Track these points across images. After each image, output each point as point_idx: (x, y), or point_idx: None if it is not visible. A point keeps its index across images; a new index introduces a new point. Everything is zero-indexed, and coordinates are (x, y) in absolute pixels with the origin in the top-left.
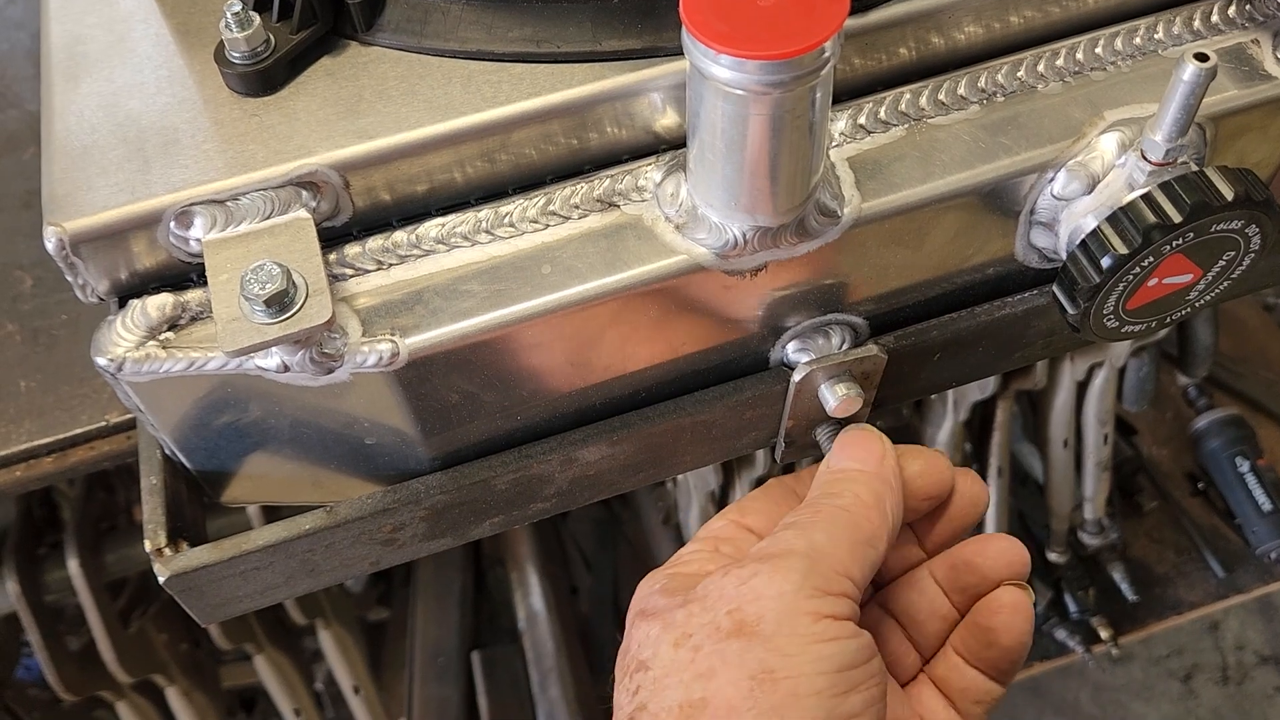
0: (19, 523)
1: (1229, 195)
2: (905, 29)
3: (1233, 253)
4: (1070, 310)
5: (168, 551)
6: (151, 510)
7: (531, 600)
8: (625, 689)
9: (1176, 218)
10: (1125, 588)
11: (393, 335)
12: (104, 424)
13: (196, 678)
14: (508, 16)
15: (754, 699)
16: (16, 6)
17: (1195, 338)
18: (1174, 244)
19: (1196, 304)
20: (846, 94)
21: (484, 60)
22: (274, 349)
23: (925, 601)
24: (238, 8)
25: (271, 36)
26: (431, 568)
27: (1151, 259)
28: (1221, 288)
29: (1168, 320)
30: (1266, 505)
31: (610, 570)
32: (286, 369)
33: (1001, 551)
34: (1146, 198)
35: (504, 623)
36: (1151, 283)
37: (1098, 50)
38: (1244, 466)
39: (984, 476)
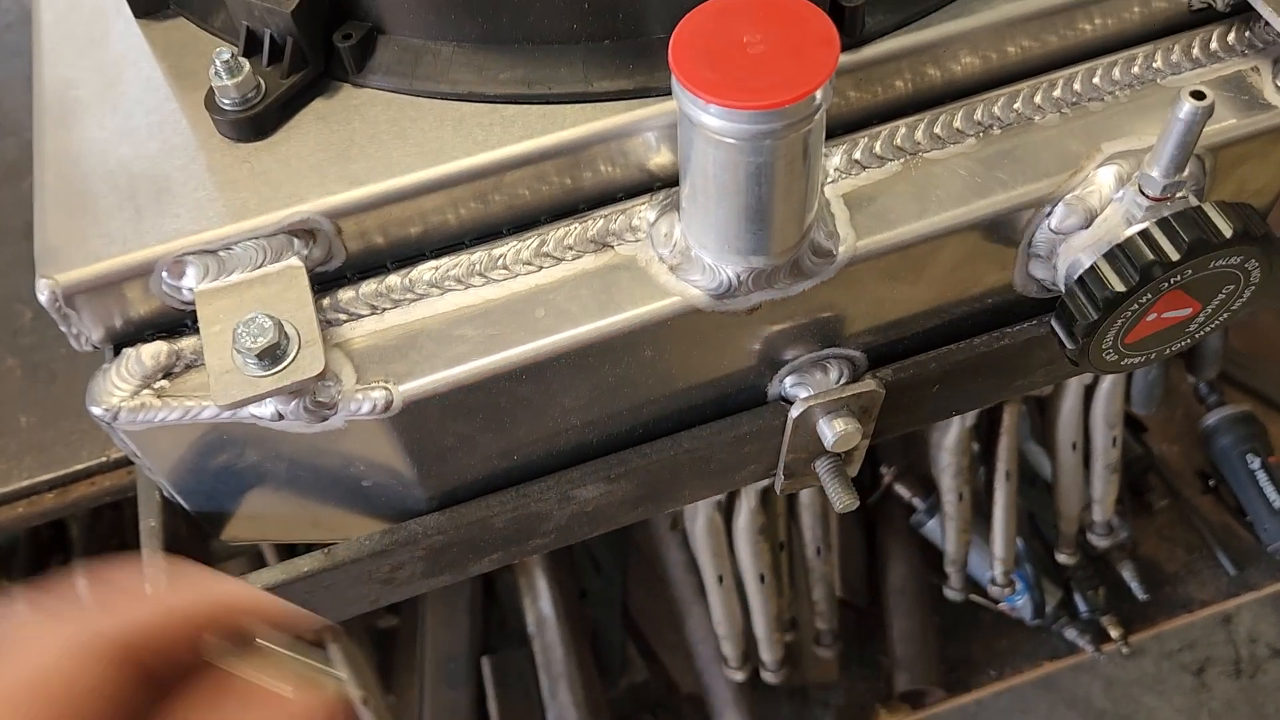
0: (26, 542)
1: (1227, 232)
2: (901, 62)
3: (1232, 286)
4: (1069, 345)
5: None
6: (150, 555)
7: (540, 605)
8: None
9: (1174, 256)
10: (1135, 587)
11: (386, 382)
12: (105, 460)
13: None
14: (499, 58)
15: None
16: (14, 32)
17: (1204, 340)
18: (1172, 281)
19: (1196, 335)
20: (841, 128)
21: (476, 102)
22: (268, 399)
23: None
24: (227, 55)
25: (262, 81)
26: None
27: (1150, 296)
28: (1222, 319)
29: (1167, 352)
30: (1278, 502)
31: (619, 574)
32: (281, 417)
33: None
34: (1144, 235)
35: (513, 627)
36: (1150, 317)
37: (1095, 80)
38: (1255, 464)
39: (991, 480)
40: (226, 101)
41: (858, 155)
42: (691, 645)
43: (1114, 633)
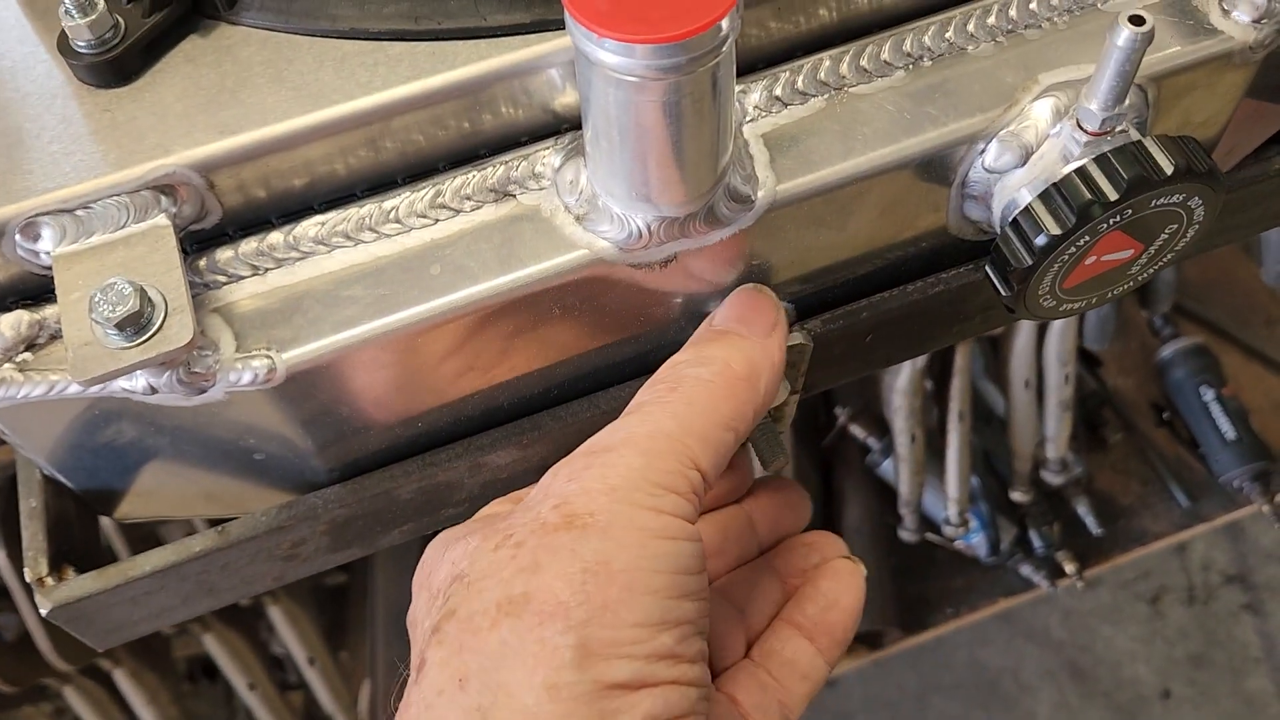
0: None
1: (1169, 169)
2: None
3: (1175, 225)
4: (1004, 292)
5: (49, 581)
6: (31, 536)
7: None
8: (436, 611)
9: (1112, 195)
10: (1090, 522)
11: (269, 349)
12: None
13: (145, 657)
14: None
15: (585, 593)
16: None
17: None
18: (1111, 221)
19: (1139, 278)
20: (762, 62)
21: (358, 39)
22: (135, 372)
23: (758, 588)
24: None
25: (121, 20)
26: None
27: (1088, 238)
28: (1165, 259)
29: (1109, 296)
30: (1230, 434)
31: None
32: (154, 391)
33: (832, 539)
34: (1080, 173)
35: None
36: (1089, 260)
37: (1032, 6)
38: (1208, 395)
39: (944, 420)
40: (81, 43)
41: (779, 91)
42: None
43: (1069, 568)
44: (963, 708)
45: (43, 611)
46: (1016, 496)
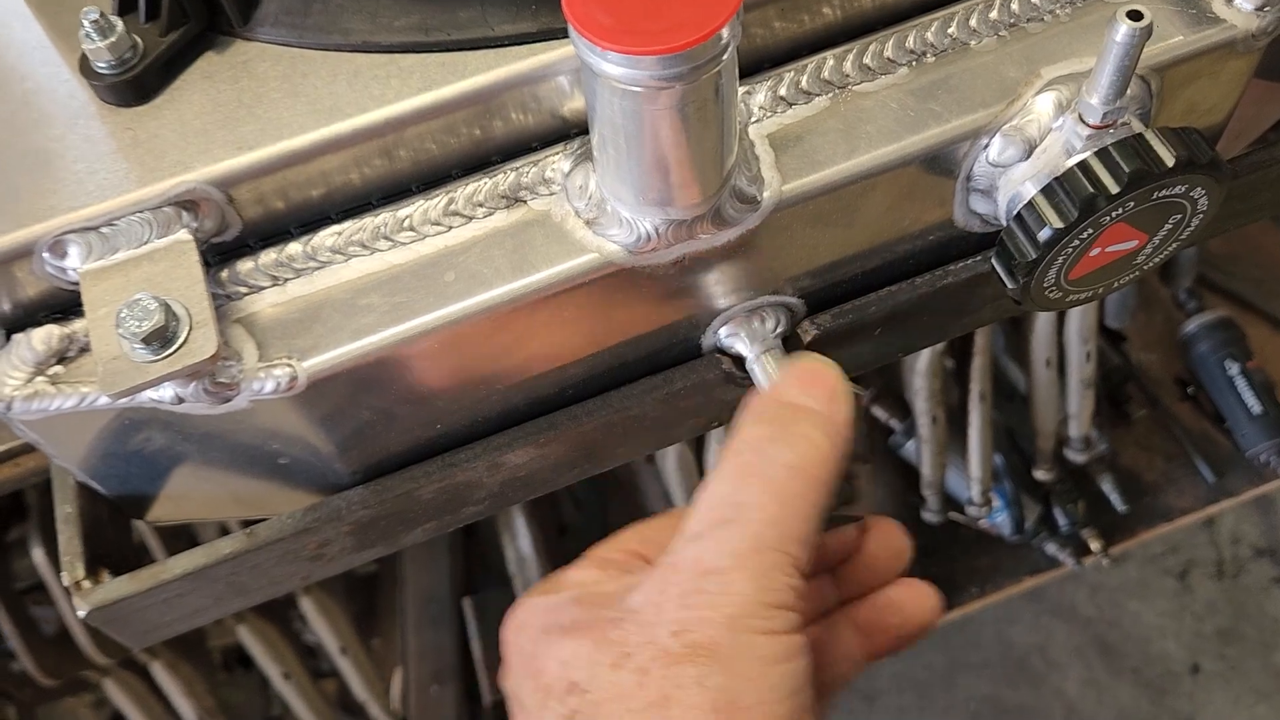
0: None
1: (1169, 161)
2: None
3: (1179, 215)
4: (1009, 285)
5: (86, 584)
6: (67, 541)
7: (519, 543)
8: (554, 712)
9: (1114, 188)
10: (1115, 499)
11: (290, 359)
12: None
13: (181, 649)
14: (393, 4)
15: None
16: None
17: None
18: (1114, 214)
19: (1145, 266)
20: (767, 61)
21: (370, 52)
22: (163, 384)
23: (840, 646)
24: (95, 15)
25: (139, 41)
26: None
27: (1091, 230)
28: (1171, 248)
29: (1115, 286)
30: (1256, 408)
31: (599, 508)
32: (181, 401)
33: (922, 597)
34: (1082, 166)
35: (495, 566)
36: (1094, 252)
37: None
38: (1233, 369)
39: (965, 401)
40: (101, 65)
41: (783, 92)
42: None
43: (1094, 545)
44: (991, 685)
45: (80, 614)
46: (1040, 475)
